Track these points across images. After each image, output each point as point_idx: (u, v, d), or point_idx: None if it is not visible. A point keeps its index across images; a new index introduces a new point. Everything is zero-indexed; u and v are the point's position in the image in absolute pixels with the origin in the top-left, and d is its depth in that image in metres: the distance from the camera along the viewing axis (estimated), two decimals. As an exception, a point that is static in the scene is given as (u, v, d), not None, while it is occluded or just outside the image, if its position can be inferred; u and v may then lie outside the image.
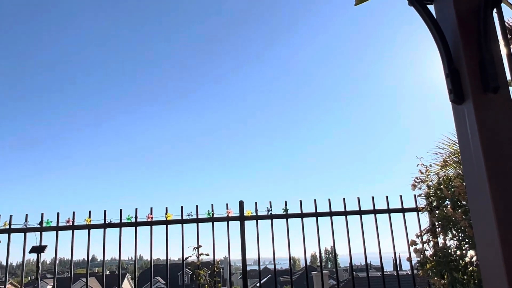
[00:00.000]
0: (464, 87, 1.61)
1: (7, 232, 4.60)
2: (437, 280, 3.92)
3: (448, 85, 1.68)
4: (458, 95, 1.63)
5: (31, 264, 63.71)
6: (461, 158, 1.71)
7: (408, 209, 4.82)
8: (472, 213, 1.62)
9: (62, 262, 67.16)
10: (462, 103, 1.62)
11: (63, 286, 6.03)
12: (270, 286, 49.94)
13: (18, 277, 46.99)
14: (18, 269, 59.13)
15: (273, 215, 4.77)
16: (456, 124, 1.68)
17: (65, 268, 61.62)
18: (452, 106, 1.70)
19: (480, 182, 1.51)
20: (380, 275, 4.98)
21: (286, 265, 20.46)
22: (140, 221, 4.68)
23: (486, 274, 1.50)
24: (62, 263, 67.91)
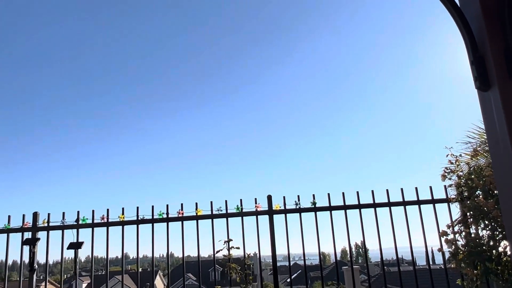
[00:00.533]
0: (490, 74, 1.61)
1: (46, 230, 4.80)
2: (469, 271, 3.87)
3: (473, 72, 1.68)
4: (484, 82, 1.63)
5: (67, 263, 65.76)
6: (488, 145, 1.71)
7: (438, 200, 4.76)
8: (501, 200, 1.62)
9: (96, 260, 68.73)
10: (488, 90, 1.63)
11: (98, 283, 6.24)
12: (301, 281, 49.89)
13: (55, 275, 48.56)
14: (55, 268, 61.09)
15: (302, 208, 4.80)
16: (483, 111, 1.68)
17: (99, 266, 63.18)
18: (478, 94, 1.70)
19: (508, 168, 1.52)
20: (412, 269, 4.95)
21: (316, 260, 20.45)
22: (171, 216, 4.80)
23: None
24: (96, 261, 69.58)
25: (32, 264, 4.68)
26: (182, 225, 4.78)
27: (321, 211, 4.80)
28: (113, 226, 4.81)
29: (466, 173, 4.31)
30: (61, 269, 4.88)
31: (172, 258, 68.43)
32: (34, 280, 4.82)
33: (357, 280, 25.75)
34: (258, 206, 4.81)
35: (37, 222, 4.84)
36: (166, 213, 4.82)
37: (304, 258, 4.97)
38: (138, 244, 4.84)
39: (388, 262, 47.54)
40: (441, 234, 4.18)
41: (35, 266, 4.70)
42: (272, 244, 4.74)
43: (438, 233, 4.36)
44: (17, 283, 4.85)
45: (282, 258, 5.51)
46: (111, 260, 76.54)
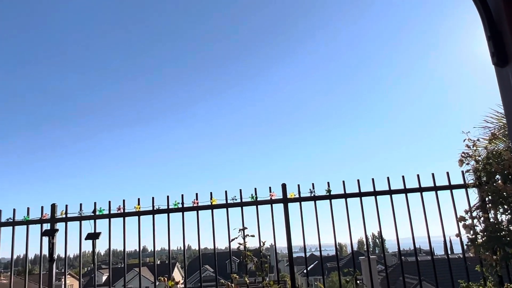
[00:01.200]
0: (507, 49, 1.56)
1: (64, 221, 4.87)
2: (488, 256, 3.81)
3: (490, 48, 1.63)
4: (501, 58, 1.58)
5: (87, 256, 66.95)
6: (507, 122, 1.66)
7: (456, 185, 4.67)
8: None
9: (115, 253, 70.02)
10: (506, 66, 1.58)
11: (117, 275, 6.28)
12: (317, 272, 50.02)
13: (75, 268, 49.47)
14: (75, 261, 62.27)
15: (316, 196, 4.77)
16: (500, 88, 1.63)
17: (118, 259, 64.15)
18: (495, 70, 1.65)
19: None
20: (430, 259, 4.85)
21: (332, 251, 20.28)
22: (186, 206, 4.82)
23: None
24: (116, 254, 70.78)
25: (52, 255, 4.77)
26: (198, 214, 4.80)
27: (336, 199, 4.76)
28: (130, 216, 4.86)
29: (484, 157, 4.22)
30: (80, 259, 4.95)
31: (189, 250, 69.13)
32: (54, 270, 4.90)
33: (374, 270, 25.68)
34: (272, 194, 4.80)
35: (55, 214, 4.91)
36: (181, 203, 4.84)
37: (320, 247, 4.95)
38: (154, 234, 4.88)
39: (405, 252, 47.22)
40: (459, 219, 4.11)
41: (54, 256, 4.78)
42: (287, 232, 4.73)
43: (456, 219, 4.29)
44: (39, 275, 4.95)
45: (299, 249, 5.48)
46: (129, 253, 77.54)
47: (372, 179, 4.79)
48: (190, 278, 40.89)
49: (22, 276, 5.62)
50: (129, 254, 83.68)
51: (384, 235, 4.96)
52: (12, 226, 4.87)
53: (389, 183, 4.78)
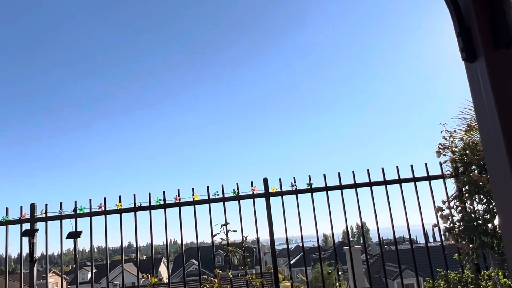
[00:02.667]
0: (476, 44, 1.59)
1: (44, 220, 4.82)
2: (465, 245, 3.90)
3: (460, 44, 1.66)
4: (470, 53, 1.61)
5: (70, 253, 66.30)
6: (476, 117, 1.70)
7: (434, 176, 4.76)
8: (490, 174, 1.61)
9: (100, 250, 69.53)
10: (475, 61, 1.61)
11: (103, 272, 6.25)
12: (301, 263, 50.37)
13: (59, 266, 48.80)
14: (59, 259, 61.52)
15: (298, 190, 4.81)
16: (470, 83, 1.66)
17: (103, 255, 63.77)
18: (465, 65, 1.69)
19: (496, 140, 1.51)
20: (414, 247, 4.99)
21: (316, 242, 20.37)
22: (168, 203, 4.81)
23: (507, 238, 1.50)
24: (101, 251, 70.29)
25: (32, 255, 4.71)
26: (180, 210, 4.80)
27: (317, 192, 4.81)
28: (111, 214, 4.82)
29: (461, 148, 4.30)
30: (61, 258, 4.91)
31: (175, 245, 69.04)
32: (35, 270, 4.85)
33: (358, 260, 26.10)
34: (254, 189, 4.82)
35: (35, 213, 4.85)
36: (163, 200, 4.83)
37: (302, 240, 5.00)
38: (136, 231, 4.87)
39: (389, 241, 47.92)
40: (436, 210, 4.20)
41: (35, 257, 4.73)
42: (269, 226, 4.76)
43: (434, 209, 4.37)
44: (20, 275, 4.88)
45: (284, 241, 5.53)
46: (115, 249, 77.09)
47: (353, 172, 4.85)
48: (177, 272, 40.86)
49: (3, 276, 5.53)
50: (115, 250, 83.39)
51: (369, 225, 5.04)
52: (-10, 226, 4.79)
53: (369, 175, 4.84)
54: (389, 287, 23.40)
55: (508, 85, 1.51)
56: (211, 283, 3.94)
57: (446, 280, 4.28)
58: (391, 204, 4.80)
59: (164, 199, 4.82)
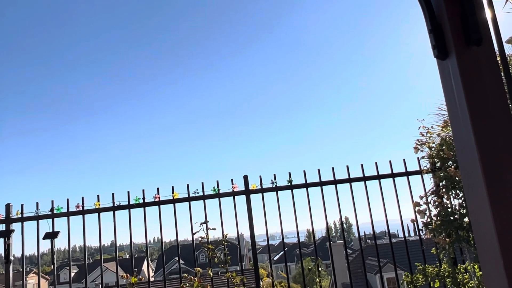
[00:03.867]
0: (447, 41, 1.60)
1: (20, 221, 4.72)
2: (442, 239, 3.96)
3: (432, 41, 1.67)
4: (442, 51, 1.63)
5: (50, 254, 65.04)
6: (448, 113, 1.71)
7: (412, 172, 4.81)
8: (461, 168, 1.63)
9: (82, 249, 68.52)
10: (446, 58, 1.62)
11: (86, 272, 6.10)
12: (288, 258, 50.74)
13: (41, 267, 48.10)
14: (41, 259, 60.58)
15: (278, 187, 4.81)
16: (442, 80, 1.67)
17: (87, 254, 62.88)
18: (437, 63, 1.70)
19: (466, 137, 1.52)
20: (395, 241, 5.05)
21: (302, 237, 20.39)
22: (148, 201, 4.76)
23: (477, 231, 1.52)
24: (83, 250, 69.30)
25: (8, 256, 4.61)
26: (159, 209, 4.76)
27: (297, 189, 4.82)
28: (89, 214, 4.75)
29: (438, 144, 4.36)
30: (38, 259, 4.83)
31: (159, 243, 68.50)
32: (11, 272, 4.75)
33: (341, 255, 26.27)
34: (234, 186, 4.80)
35: (11, 214, 4.74)
36: (143, 198, 4.77)
37: (283, 236, 5.01)
38: (115, 230, 4.83)
39: (371, 235, 48.58)
40: (414, 205, 4.25)
41: (11, 258, 4.64)
42: (250, 223, 4.76)
43: (412, 204, 4.43)
44: None
45: (269, 237, 5.53)
46: (97, 248, 76.07)
47: (332, 168, 4.88)
48: (160, 271, 40.63)
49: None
50: (97, 250, 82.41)
51: (351, 220, 5.07)
52: (-37, 228, 4.68)
53: (349, 171, 4.87)
54: (371, 281, 23.69)
55: (479, 82, 1.53)
56: (191, 281, 3.92)
57: (424, 274, 4.35)
58: (370, 200, 4.84)
59: (144, 198, 4.77)
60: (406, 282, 4.52)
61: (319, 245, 36.39)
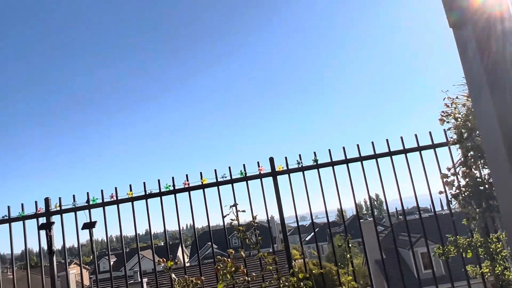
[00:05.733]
0: (462, 11, 1.60)
1: (59, 213, 4.95)
2: (471, 209, 3.94)
3: (446, 9, 1.67)
4: (457, 19, 1.62)
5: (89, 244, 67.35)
6: (466, 81, 1.70)
7: (438, 144, 4.76)
8: (483, 138, 1.64)
9: (119, 239, 70.65)
10: (461, 28, 1.62)
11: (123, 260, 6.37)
12: (320, 237, 51.19)
13: (81, 257, 49.91)
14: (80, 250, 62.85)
15: (304, 167, 4.85)
16: (459, 50, 1.67)
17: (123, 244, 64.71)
18: (453, 32, 1.70)
19: (486, 108, 1.52)
20: (427, 216, 5.03)
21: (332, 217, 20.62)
22: (178, 188, 4.89)
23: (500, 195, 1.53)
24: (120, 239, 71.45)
25: (51, 247, 4.86)
26: (189, 195, 4.88)
27: (323, 167, 4.85)
28: (123, 203, 4.93)
29: (464, 114, 4.30)
30: (79, 248, 5.06)
31: (192, 229, 69.62)
32: (55, 263, 5.00)
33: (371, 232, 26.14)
34: (261, 169, 4.88)
35: (50, 207, 4.98)
36: (173, 185, 4.91)
37: (312, 216, 5.03)
38: (149, 218, 4.97)
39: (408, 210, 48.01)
40: (441, 176, 4.23)
41: (53, 248, 4.88)
42: (278, 204, 4.84)
43: (440, 176, 4.40)
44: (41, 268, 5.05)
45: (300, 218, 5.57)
46: (133, 237, 78.06)
47: (357, 145, 4.88)
48: (195, 256, 41.52)
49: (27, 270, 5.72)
50: (133, 239, 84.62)
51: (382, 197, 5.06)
52: (8, 223, 4.94)
53: (374, 148, 4.87)
54: (404, 256, 23.53)
55: (496, 52, 1.52)
56: (225, 263, 4.04)
57: (456, 245, 4.34)
58: (398, 176, 4.83)
59: (174, 185, 4.91)
60: (437, 254, 4.53)
61: (350, 224, 36.12)
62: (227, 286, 3.96)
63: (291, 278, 3.99)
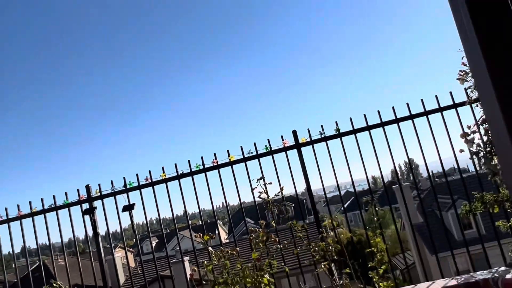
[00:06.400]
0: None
1: (100, 198, 5.29)
2: (493, 165, 3.98)
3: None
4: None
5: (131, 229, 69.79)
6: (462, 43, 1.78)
7: (459, 103, 4.77)
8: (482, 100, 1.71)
9: (158, 221, 72.81)
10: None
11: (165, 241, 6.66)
12: (352, 208, 51.15)
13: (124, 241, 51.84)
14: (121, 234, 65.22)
15: (327, 136, 4.97)
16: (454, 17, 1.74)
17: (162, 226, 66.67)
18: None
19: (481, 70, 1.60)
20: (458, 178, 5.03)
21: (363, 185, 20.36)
22: (207, 166, 5.12)
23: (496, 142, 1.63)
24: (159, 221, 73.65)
25: (96, 229, 5.23)
26: (219, 172, 5.10)
27: (345, 136, 4.95)
28: (157, 184, 5.21)
29: (482, 71, 4.27)
30: (121, 230, 5.40)
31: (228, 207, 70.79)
32: (101, 243, 5.38)
33: (408, 197, 25.79)
34: (285, 142, 5.03)
35: (91, 193, 5.33)
36: (202, 164, 5.14)
37: (338, 187, 5.11)
38: (183, 198, 5.21)
39: (439, 174, 47.21)
40: (461, 135, 4.26)
41: (98, 231, 5.25)
42: (305, 176, 5.00)
43: (460, 135, 4.42)
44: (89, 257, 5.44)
45: (334, 189, 5.69)
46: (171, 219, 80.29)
47: (378, 111, 4.94)
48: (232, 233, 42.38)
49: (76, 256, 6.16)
50: (171, 220, 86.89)
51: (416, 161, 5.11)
52: (55, 211, 5.33)
53: (395, 112, 4.91)
54: (444, 218, 23.35)
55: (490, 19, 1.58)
56: (256, 233, 4.27)
57: (482, 201, 4.41)
58: (420, 138, 4.89)
59: (203, 163, 5.14)
60: (465, 211, 4.61)
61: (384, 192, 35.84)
62: (260, 255, 4.19)
63: (320, 243, 4.18)
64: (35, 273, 5.74)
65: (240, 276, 4.08)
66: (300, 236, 4.37)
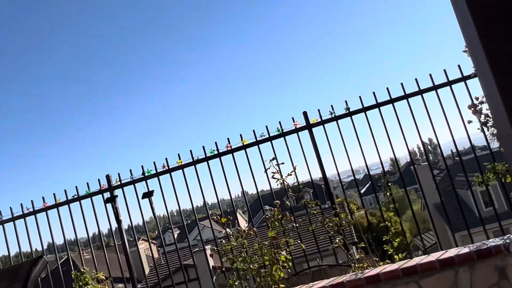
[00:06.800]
0: None
1: (120, 187, 5.48)
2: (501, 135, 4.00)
3: None
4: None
5: (152, 221, 70.98)
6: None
7: (468, 76, 4.76)
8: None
9: (178, 213, 73.61)
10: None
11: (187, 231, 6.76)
12: (372, 191, 50.75)
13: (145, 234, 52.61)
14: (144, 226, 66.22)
15: (337, 116, 5.02)
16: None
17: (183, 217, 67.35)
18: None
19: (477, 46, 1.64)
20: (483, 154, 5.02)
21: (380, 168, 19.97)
22: (222, 151, 5.26)
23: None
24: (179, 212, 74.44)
25: (118, 217, 5.43)
26: (233, 156, 5.23)
27: (356, 114, 5.01)
28: (174, 171, 5.36)
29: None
30: (142, 217, 5.60)
31: (247, 195, 71.31)
32: (124, 231, 5.59)
33: (427, 177, 25.64)
34: (296, 123, 5.12)
35: (111, 182, 5.52)
36: (217, 149, 5.27)
37: (352, 168, 5.13)
38: (200, 183, 5.37)
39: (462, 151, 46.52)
40: (469, 106, 4.29)
41: (120, 218, 5.45)
42: (317, 156, 5.08)
43: (468, 106, 4.45)
44: (115, 249, 5.65)
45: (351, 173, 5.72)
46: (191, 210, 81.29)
47: (387, 88, 4.93)
48: (253, 220, 42.70)
49: (101, 250, 6.38)
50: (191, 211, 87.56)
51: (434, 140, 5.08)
52: (78, 201, 5.54)
53: (404, 88, 4.93)
54: (463, 196, 23.13)
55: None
56: (272, 211, 4.40)
57: (494, 172, 4.44)
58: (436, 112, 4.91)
59: (217, 148, 5.27)
60: (477, 182, 4.65)
61: (403, 171, 35.20)
62: (277, 233, 4.31)
63: (334, 219, 4.30)
64: (63, 267, 5.95)
65: (258, 254, 4.22)
66: (315, 213, 4.48)
